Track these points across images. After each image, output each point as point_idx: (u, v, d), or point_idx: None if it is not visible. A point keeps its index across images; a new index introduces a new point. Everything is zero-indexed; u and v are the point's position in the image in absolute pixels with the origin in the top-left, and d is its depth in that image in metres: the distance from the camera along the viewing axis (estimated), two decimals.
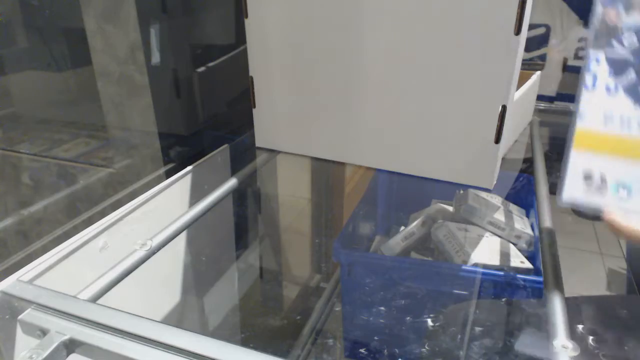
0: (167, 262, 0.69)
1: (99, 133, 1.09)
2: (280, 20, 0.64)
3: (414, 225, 0.86)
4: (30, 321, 0.40)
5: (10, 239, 0.93)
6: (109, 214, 0.56)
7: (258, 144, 0.74)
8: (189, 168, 0.70)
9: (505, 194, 0.89)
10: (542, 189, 0.63)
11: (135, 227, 0.58)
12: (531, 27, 0.98)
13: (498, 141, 0.57)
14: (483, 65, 0.55)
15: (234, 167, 0.79)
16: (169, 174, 0.77)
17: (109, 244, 0.54)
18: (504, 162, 0.62)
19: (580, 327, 0.58)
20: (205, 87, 1.05)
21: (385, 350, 0.74)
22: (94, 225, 0.54)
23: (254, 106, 0.72)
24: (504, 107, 0.55)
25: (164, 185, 0.64)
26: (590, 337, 0.57)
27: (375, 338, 0.75)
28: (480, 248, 0.74)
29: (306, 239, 1.10)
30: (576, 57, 1.19)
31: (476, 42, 0.54)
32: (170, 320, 0.70)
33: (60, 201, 0.99)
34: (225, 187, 0.66)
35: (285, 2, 0.63)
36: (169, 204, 0.65)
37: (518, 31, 0.52)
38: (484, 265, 0.71)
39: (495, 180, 0.60)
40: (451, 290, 0.72)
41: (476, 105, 0.57)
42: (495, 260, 0.72)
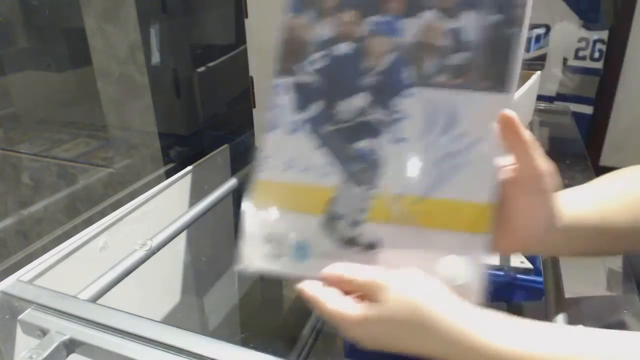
0: (167, 262, 0.69)
1: (99, 133, 1.09)
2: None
3: None
4: (30, 321, 0.39)
5: (10, 239, 0.93)
6: (109, 214, 0.56)
7: (258, 144, 0.74)
8: (189, 168, 0.70)
9: None
10: None
11: (135, 227, 0.58)
12: (531, 27, 0.98)
13: None
14: None
15: (234, 167, 0.78)
16: (169, 174, 0.78)
17: (109, 244, 0.54)
18: None
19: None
20: (205, 87, 1.05)
21: None
22: (94, 225, 0.54)
23: (254, 106, 0.72)
24: None
25: (163, 185, 0.64)
26: None
27: None
28: None
29: None
30: (576, 57, 1.19)
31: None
32: (170, 320, 0.70)
33: (60, 201, 0.99)
34: (225, 187, 0.66)
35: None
36: (169, 204, 0.65)
37: None
38: None
39: None
40: None
41: None
42: (495, 260, 0.72)
